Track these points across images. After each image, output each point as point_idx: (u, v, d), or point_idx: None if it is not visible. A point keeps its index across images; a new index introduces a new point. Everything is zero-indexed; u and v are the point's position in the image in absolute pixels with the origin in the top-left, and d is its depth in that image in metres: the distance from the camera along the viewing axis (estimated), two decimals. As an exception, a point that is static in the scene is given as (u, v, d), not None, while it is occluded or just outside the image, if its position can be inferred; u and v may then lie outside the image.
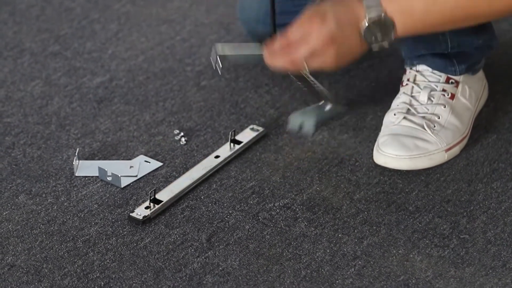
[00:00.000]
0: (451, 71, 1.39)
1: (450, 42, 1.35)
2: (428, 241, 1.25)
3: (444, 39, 1.35)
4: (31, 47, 1.64)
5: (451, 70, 1.38)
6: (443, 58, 1.38)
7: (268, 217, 1.29)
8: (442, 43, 1.35)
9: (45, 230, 1.27)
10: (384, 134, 1.35)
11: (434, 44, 1.36)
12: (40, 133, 1.45)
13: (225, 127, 1.45)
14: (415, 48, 1.37)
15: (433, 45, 1.36)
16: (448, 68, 1.38)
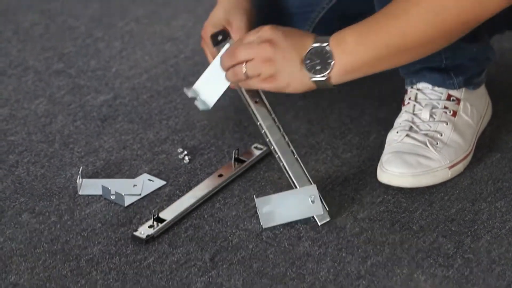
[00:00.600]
0: (449, 85, 1.38)
1: (444, 53, 1.33)
2: (432, 260, 1.24)
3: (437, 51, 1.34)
4: (35, 65, 1.64)
5: (449, 84, 1.38)
6: (440, 72, 1.38)
7: (272, 236, 1.29)
8: (436, 55, 1.34)
9: (49, 249, 1.27)
10: (387, 152, 1.35)
11: (428, 58, 1.35)
12: (44, 151, 1.45)
13: (228, 146, 1.45)
14: (411, 63, 1.37)
15: (427, 58, 1.35)
16: (446, 82, 1.38)
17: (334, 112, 1.53)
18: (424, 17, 1.19)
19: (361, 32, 1.23)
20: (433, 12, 1.18)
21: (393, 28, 1.21)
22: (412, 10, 1.20)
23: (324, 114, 1.53)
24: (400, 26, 1.20)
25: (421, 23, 1.19)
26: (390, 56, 1.23)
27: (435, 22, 1.18)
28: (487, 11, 1.17)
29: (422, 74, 1.39)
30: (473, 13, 1.17)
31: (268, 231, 1.30)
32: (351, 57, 1.23)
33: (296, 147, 1.45)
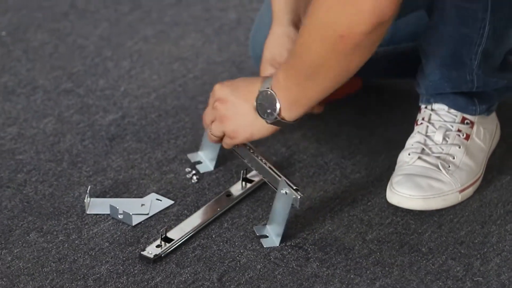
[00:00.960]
0: (471, 111, 1.38)
1: (477, 81, 1.35)
2: (442, 283, 1.24)
3: (471, 78, 1.35)
4: (44, 84, 1.65)
5: (471, 110, 1.38)
6: (465, 96, 1.37)
7: (280, 256, 1.28)
8: (469, 82, 1.35)
9: (56, 268, 1.26)
10: (398, 173, 1.35)
11: (461, 83, 1.35)
12: (52, 170, 1.45)
13: (236, 166, 1.45)
14: (441, 86, 1.37)
15: (460, 83, 1.35)
16: (469, 108, 1.38)
17: (343, 132, 1.53)
18: (310, 37, 1.21)
19: (285, 66, 1.26)
20: (315, 29, 1.20)
21: (297, 54, 1.24)
22: (302, 31, 1.22)
23: (333, 134, 1.52)
24: (299, 50, 1.23)
25: (310, 43, 1.21)
26: (308, 81, 1.24)
27: (320, 40, 1.20)
28: (358, 25, 1.16)
29: (445, 96, 1.38)
30: (347, 26, 1.17)
31: (276, 252, 1.29)
32: (287, 92, 1.26)
33: (305, 167, 1.45)
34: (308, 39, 1.21)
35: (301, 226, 1.34)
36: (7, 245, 1.30)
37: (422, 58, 1.39)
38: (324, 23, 1.18)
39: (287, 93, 1.26)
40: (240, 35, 1.78)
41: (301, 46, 1.23)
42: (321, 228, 1.33)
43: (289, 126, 1.29)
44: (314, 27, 1.20)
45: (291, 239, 1.31)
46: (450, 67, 1.35)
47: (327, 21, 1.18)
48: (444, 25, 1.33)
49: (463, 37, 1.32)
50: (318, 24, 1.19)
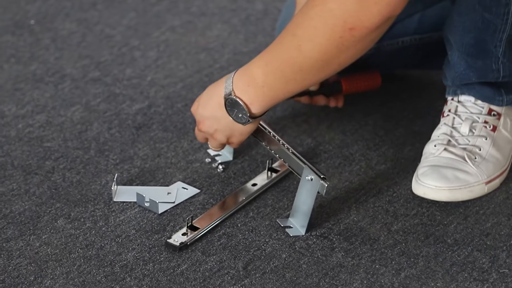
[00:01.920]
0: (497, 101, 1.37)
1: (503, 70, 1.34)
2: (467, 274, 1.24)
3: (497, 67, 1.34)
4: (72, 73, 1.66)
5: (498, 100, 1.37)
6: (492, 87, 1.37)
7: (305, 246, 1.29)
8: (495, 72, 1.34)
9: (83, 255, 1.27)
10: (424, 165, 1.35)
11: (487, 72, 1.34)
12: (80, 158, 1.46)
13: (262, 155, 1.46)
14: (466, 76, 1.36)
15: (486, 73, 1.34)
16: (496, 98, 1.37)
17: (368, 124, 1.53)
18: (315, 28, 1.19)
19: (269, 60, 1.24)
20: (323, 20, 1.17)
21: (291, 46, 1.21)
22: (305, 23, 1.20)
23: (359, 125, 1.53)
24: (296, 42, 1.21)
25: (314, 35, 1.19)
26: (296, 75, 1.23)
27: (325, 32, 1.18)
28: (370, 18, 1.15)
29: (471, 87, 1.38)
30: (358, 18, 1.16)
31: (301, 241, 1.30)
32: (265, 89, 1.25)
33: (330, 158, 1.46)
34: (311, 30, 1.18)
35: (327, 216, 1.34)
36: (36, 231, 1.31)
37: (447, 48, 1.38)
38: (334, 15, 1.16)
39: (265, 90, 1.25)
40: (266, 26, 1.79)
41: (300, 38, 1.19)
42: (347, 219, 1.33)
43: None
44: (322, 18, 1.17)
45: (316, 229, 1.31)
46: (475, 56, 1.34)
47: (338, 13, 1.16)
48: (467, 13, 1.32)
49: (486, 24, 1.30)
50: (327, 15, 1.17)
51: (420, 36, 1.52)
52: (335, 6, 1.16)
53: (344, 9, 1.16)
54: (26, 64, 1.68)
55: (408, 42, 1.52)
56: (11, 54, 1.70)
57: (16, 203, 1.36)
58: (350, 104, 1.57)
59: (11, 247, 1.28)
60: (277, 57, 1.24)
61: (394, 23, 1.52)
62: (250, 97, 1.27)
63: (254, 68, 1.26)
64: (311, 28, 1.19)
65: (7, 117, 1.54)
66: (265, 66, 1.25)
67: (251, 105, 1.27)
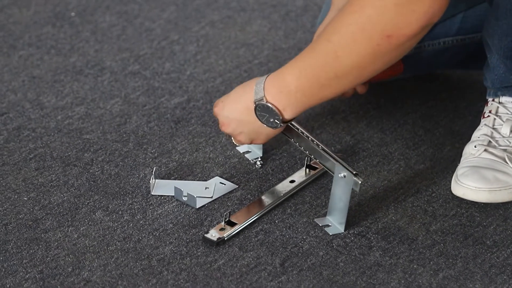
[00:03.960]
0: None
1: None
2: (506, 277, 1.22)
3: None
4: (111, 65, 1.67)
5: None
6: None
7: (343, 244, 1.28)
8: None
9: (121, 247, 1.28)
10: (464, 165, 1.34)
11: None
12: (118, 150, 1.46)
13: (300, 152, 1.45)
14: (506, 78, 1.35)
15: None
16: None
17: (407, 123, 1.52)
18: (352, 35, 1.18)
19: (302, 66, 1.23)
20: (360, 27, 1.17)
21: (327, 52, 1.21)
22: (342, 30, 1.19)
23: (398, 124, 1.52)
24: (333, 48, 1.20)
25: (351, 42, 1.18)
26: (331, 81, 1.23)
27: (363, 39, 1.17)
28: (408, 25, 1.15)
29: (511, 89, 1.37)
30: (396, 26, 1.15)
31: (338, 239, 1.29)
32: (298, 94, 1.25)
33: (369, 156, 1.45)
34: (348, 37, 1.18)
35: (365, 214, 1.33)
36: (74, 223, 1.32)
37: (486, 51, 1.37)
38: (371, 22, 1.16)
39: (298, 96, 1.25)
40: (306, 22, 1.78)
41: (336, 45, 1.19)
42: (385, 218, 1.33)
43: None
44: (359, 25, 1.17)
45: (354, 227, 1.31)
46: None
47: (376, 20, 1.15)
48: (505, 16, 1.31)
49: None
50: (365, 22, 1.16)
51: (462, 37, 1.50)
52: (373, 13, 1.16)
53: (382, 16, 1.15)
54: (66, 56, 1.69)
55: (450, 43, 1.51)
56: (51, 46, 1.71)
57: (54, 194, 1.37)
58: (389, 103, 1.56)
59: (50, 238, 1.29)
60: (311, 63, 1.23)
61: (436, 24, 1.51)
62: (283, 103, 1.26)
63: (287, 74, 1.26)
64: (348, 35, 1.18)
65: (47, 109, 1.55)
66: (299, 72, 1.24)
67: (284, 110, 1.27)
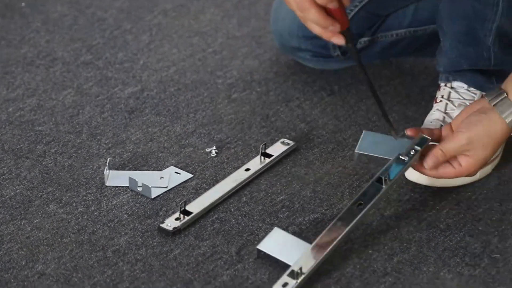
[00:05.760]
0: (488, 89, 1.38)
1: (494, 59, 1.35)
2: (459, 259, 1.24)
3: (488, 55, 1.35)
4: (63, 56, 1.65)
5: (489, 88, 1.38)
6: (483, 75, 1.37)
7: (298, 231, 1.29)
8: (486, 60, 1.35)
9: (75, 239, 1.27)
10: (417, 151, 1.34)
11: (478, 60, 1.35)
12: (71, 142, 1.45)
13: (255, 140, 1.45)
14: (458, 63, 1.37)
15: (477, 60, 1.35)
16: (487, 86, 1.38)
17: (361, 109, 1.53)
18: None
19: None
20: None
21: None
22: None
23: (352, 110, 1.52)
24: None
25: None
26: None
27: None
28: None
29: (463, 74, 1.38)
30: None
31: (294, 226, 1.30)
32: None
33: (323, 143, 1.45)
34: None
35: (320, 201, 1.34)
36: (27, 216, 1.31)
37: (440, 35, 1.38)
38: None
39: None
40: (260, 10, 1.78)
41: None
42: (340, 204, 1.33)
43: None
44: None
45: (310, 214, 1.31)
46: (466, 44, 1.35)
47: None
48: (459, 1, 1.32)
49: (476, 13, 1.31)
50: None
51: (414, 29, 1.52)
52: None
53: None
54: (16, 47, 1.67)
55: (403, 34, 1.52)
56: (1, 37, 1.69)
57: (7, 187, 1.36)
58: (343, 89, 1.57)
59: (2, 232, 1.28)
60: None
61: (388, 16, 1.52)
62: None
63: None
64: None
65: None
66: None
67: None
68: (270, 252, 1.22)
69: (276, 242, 1.23)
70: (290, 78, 1.59)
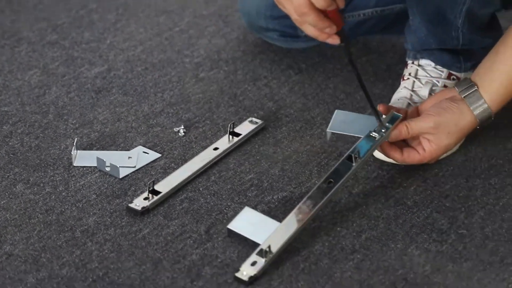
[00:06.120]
0: (456, 68, 1.39)
1: (462, 39, 1.36)
2: (426, 235, 1.25)
3: (456, 35, 1.35)
4: (29, 36, 1.63)
5: (456, 67, 1.39)
6: (451, 54, 1.38)
7: (267, 209, 1.29)
8: (454, 39, 1.36)
9: (43, 220, 1.26)
10: (384, 128, 1.35)
11: (446, 40, 1.36)
12: (38, 122, 1.44)
13: (223, 119, 1.45)
14: (426, 42, 1.37)
15: (445, 40, 1.36)
16: (454, 65, 1.38)
17: (329, 87, 1.53)
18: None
19: (504, 77, 1.26)
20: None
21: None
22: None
23: (319, 89, 1.53)
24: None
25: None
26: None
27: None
28: None
29: (431, 52, 1.39)
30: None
31: (263, 205, 1.30)
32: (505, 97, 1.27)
33: (291, 122, 1.46)
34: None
35: (288, 179, 1.34)
36: (-6, 197, 1.30)
37: (409, 13, 1.39)
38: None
39: (505, 100, 1.27)
40: (226, -11, 1.77)
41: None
42: (308, 182, 1.34)
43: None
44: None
45: (278, 192, 1.32)
46: (436, 23, 1.35)
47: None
48: None
49: None
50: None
51: (381, 9, 1.52)
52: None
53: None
54: (-19, 27, 1.65)
55: (370, 14, 1.53)
56: (-34, 17, 1.67)
57: (-27, 168, 1.35)
58: (311, 68, 1.57)
59: (-30, 213, 1.27)
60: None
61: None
62: (497, 104, 1.28)
63: (493, 85, 1.26)
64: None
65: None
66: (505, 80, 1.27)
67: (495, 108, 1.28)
68: (240, 231, 1.22)
69: (246, 221, 1.23)
70: (257, 57, 1.59)
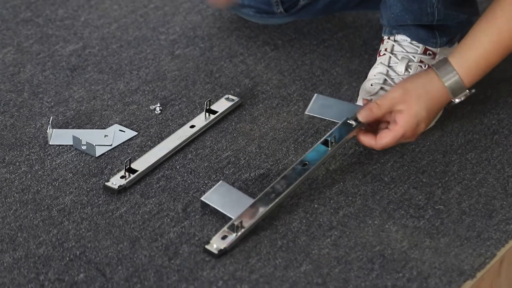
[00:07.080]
0: (432, 43, 1.39)
1: (437, 14, 1.36)
2: (404, 211, 1.26)
3: (431, 11, 1.35)
4: (2, 13, 1.61)
5: (432, 42, 1.39)
6: (427, 29, 1.38)
7: (244, 187, 1.29)
8: (429, 15, 1.36)
9: (19, 199, 1.25)
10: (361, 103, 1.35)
11: (421, 15, 1.36)
12: (13, 101, 1.43)
13: (200, 97, 1.45)
14: (402, 17, 1.37)
15: (421, 16, 1.36)
16: (430, 40, 1.39)
17: (305, 63, 1.53)
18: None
19: (482, 54, 1.25)
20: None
21: (495, 29, 1.23)
22: (507, 7, 1.22)
23: (296, 65, 1.52)
24: (499, 25, 1.22)
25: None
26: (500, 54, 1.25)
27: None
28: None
29: (406, 28, 1.38)
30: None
31: (240, 182, 1.30)
32: (478, 72, 1.26)
33: (268, 98, 1.45)
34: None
35: (265, 156, 1.34)
36: (-31, 177, 1.29)
37: None
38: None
39: (478, 73, 1.25)
40: (201, -35, 1.76)
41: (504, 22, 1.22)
42: (285, 159, 1.34)
43: None
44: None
45: (255, 170, 1.32)
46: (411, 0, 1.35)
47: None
48: None
49: None
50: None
51: None
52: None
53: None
54: (-47, 5, 1.63)
55: None
56: None
57: None
58: (287, 44, 1.56)
59: None
60: (490, 51, 1.25)
61: None
62: (470, 78, 1.26)
63: (466, 63, 1.25)
64: None
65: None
66: (482, 59, 1.26)
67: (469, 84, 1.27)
68: (213, 204, 1.22)
69: (220, 195, 1.23)
70: (233, 33, 1.58)
